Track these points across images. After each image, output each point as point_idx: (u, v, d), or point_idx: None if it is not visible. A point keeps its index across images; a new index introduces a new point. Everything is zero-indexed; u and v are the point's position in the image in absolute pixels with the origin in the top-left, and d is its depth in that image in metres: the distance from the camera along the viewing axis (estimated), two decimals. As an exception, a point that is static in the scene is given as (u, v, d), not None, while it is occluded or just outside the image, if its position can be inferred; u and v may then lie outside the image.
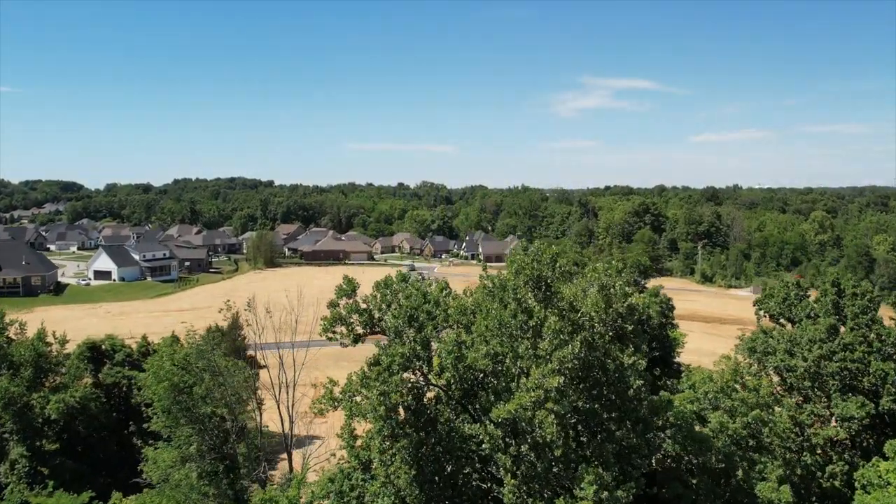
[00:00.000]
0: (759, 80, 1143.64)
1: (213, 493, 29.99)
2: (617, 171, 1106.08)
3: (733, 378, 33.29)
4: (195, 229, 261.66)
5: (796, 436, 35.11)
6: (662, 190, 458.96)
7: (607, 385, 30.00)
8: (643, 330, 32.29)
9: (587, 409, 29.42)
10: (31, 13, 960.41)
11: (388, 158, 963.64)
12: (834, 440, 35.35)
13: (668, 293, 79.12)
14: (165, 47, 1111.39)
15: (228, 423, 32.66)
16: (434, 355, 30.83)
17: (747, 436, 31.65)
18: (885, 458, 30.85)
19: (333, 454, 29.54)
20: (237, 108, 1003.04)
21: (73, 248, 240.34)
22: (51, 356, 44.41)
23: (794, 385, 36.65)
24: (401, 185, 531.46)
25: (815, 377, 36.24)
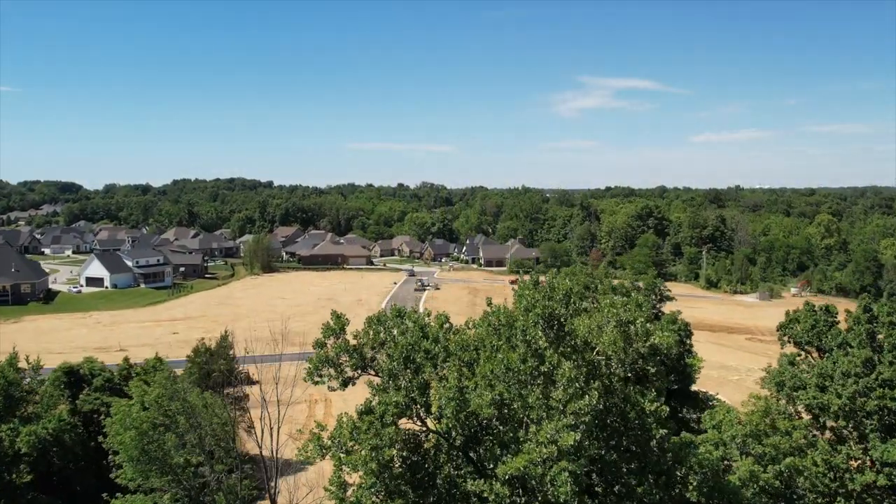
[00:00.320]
0: (759, 80, 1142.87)
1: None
2: (617, 170, 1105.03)
3: (763, 420, 30.20)
4: (192, 232, 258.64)
5: (831, 481, 31.98)
6: (664, 191, 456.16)
7: (627, 434, 27.06)
8: (665, 369, 29.14)
9: (604, 460, 26.52)
10: (32, 13, 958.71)
11: (387, 158, 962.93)
12: (872, 486, 32.22)
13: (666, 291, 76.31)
14: (165, 47, 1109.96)
15: (206, 471, 29.52)
16: (433, 401, 27.80)
17: (780, 486, 28.60)
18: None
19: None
20: (237, 108, 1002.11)
21: (68, 252, 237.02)
22: (23, 383, 41.99)
23: (828, 424, 33.56)
24: (401, 185, 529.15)
25: (850, 415, 33.15)
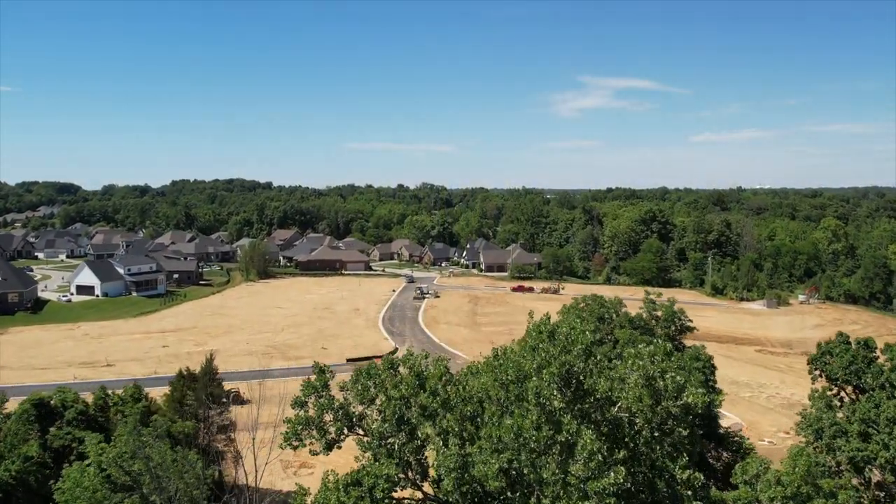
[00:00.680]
0: (759, 80, 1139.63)
1: None
2: (617, 170, 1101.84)
3: (805, 480, 26.49)
4: (188, 236, 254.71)
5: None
6: (665, 192, 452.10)
7: (655, 507, 23.46)
8: (695, 427, 25.47)
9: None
10: (31, 13, 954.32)
11: (387, 158, 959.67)
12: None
13: (678, 307, 72.45)
14: (165, 48, 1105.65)
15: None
16: (430, 465, 24.21)
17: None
18: None
19: None
20: (237, 108, 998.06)
21: (62, 256, 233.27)
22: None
23: (873, 480, 29.92)
24: (400, 186, 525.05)
25: (899, 469, 29.48)
